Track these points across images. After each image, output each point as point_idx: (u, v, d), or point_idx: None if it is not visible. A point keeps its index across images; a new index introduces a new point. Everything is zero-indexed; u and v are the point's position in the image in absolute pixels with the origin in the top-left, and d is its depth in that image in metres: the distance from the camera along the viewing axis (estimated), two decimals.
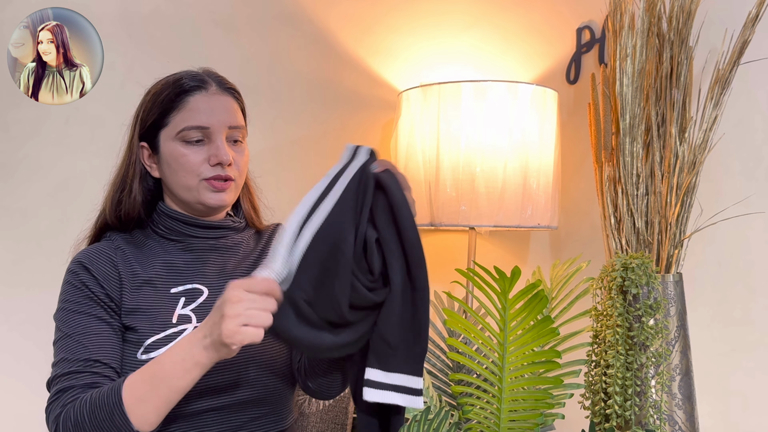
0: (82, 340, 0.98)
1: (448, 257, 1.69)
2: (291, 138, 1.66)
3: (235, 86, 1.10)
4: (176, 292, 1.03)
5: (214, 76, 1.09)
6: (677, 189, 1.34)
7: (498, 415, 0.96)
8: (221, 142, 1.03)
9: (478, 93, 1.38)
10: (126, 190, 1.08)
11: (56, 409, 0.93)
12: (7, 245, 1.56)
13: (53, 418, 0.93)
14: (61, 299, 1.03)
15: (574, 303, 1.22)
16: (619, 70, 1.38)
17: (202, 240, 1.08)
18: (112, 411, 0.88)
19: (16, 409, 1.55)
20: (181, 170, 1.04)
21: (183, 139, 1.03)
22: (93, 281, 1.01)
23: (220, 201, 1.05)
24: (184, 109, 1.04)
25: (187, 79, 1.05)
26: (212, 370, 0.96)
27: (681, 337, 1.31)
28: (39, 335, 1.56)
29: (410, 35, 1.69)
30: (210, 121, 1.03)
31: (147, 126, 1.07)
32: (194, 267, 1.06)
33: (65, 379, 0.95)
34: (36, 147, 1.57)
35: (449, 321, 0.97)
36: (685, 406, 1.29)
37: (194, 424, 0.98)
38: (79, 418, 0.90)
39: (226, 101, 1.06)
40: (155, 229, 1.09)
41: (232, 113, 1.06)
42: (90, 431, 0.89)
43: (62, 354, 0.98)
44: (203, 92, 1.04)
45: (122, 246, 1.06)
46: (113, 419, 0.88)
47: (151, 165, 1.09)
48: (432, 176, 1.40)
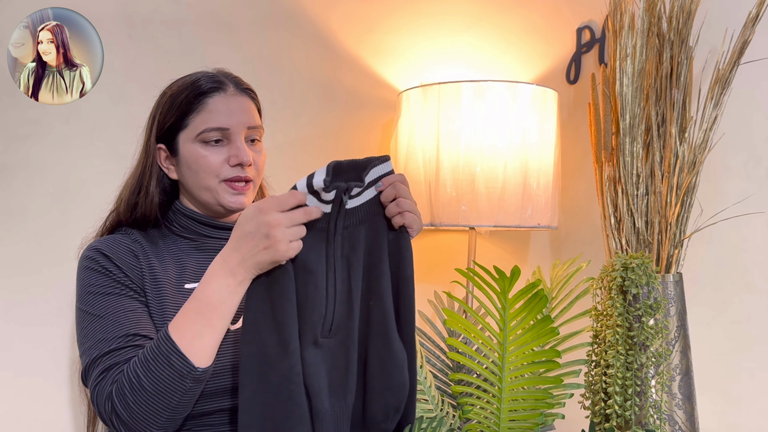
0: (116, 318, 0.95)
1: (448, 257, 1.69)
2: (291, 138, 1.66)
3: (251, 86, 1.11)
4: (190, 288, 1.03)
5: (230, 76, 1.09)
6: (677, 189, 1.34)
7: (498, 415, 0.96)
8: (241, 143, 1.04)
9: (478, 93, 1.37)
10: (143, 192, 1.08)
11: (107, 387, 0.90)
12: (7, 245, 1.56)
13: (105, 397, 0.89)
14: (82, 285, 1.01)
15: (574, 303, 1.22)
16: (619, 70, 1.38)
17: (214, 240, 1.09)
18: (169, 356, 0.87)
19: (16, 409, 1.55)
20: (201, 171, 1.04)
21: (203, 141, 1.04)
22: (115, 268, 1.00)
23: (239, 204, 1.06)
24: (203, 111, 1.04)
25: (204, 81, 1.05)
26: (221, 372, 0.96)
27: (681, 337, 1.31)
28: (39, 335, 1.56)
29: (410, 35, 1.68)
30: (230, 122, 1.03)
31: (165, 128, 1.07)
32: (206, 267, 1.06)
33: (108, 358, 0.92)
34: (36, 147, 1.57)
35: (449, 321, 0.97)
36: (685, 406, 1.29)
37: (204, 424, 0.98)
38: (134, 380, 0.87)
39: (243, 101, 1.07)
40: (170, 227, 1.09)
41: (250, 113, 1.07)
42: (149, 389, 0.87)
43: (97, 335, 0.94)
44: (222, 93, 1.05)
45: (140, 239, 1.06)
46: (171, 363, 0.87)
47: (168, 167, 1.09)
48: (432, 176, 1.40)
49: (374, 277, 0.94)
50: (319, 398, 0.90)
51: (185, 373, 0.87)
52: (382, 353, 0.93)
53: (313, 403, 0.89)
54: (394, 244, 0.95)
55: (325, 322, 0.91)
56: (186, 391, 0.88)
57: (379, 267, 0.94)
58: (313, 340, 0.90)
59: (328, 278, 0.92)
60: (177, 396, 0.88)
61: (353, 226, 0.93)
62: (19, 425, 1.55)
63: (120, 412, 0.87)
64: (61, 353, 1.56)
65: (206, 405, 0.97)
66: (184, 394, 0.88)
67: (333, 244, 0.92)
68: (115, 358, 0.92)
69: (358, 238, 0.93)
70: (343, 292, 0.93)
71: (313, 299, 0.90)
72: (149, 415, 0.87)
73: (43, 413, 1.55)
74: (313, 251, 0.91)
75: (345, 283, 0.93)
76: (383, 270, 0.93)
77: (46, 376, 1.55)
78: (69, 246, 1.56)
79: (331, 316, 0.92)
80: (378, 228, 0.94)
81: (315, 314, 0.90)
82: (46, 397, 1.55)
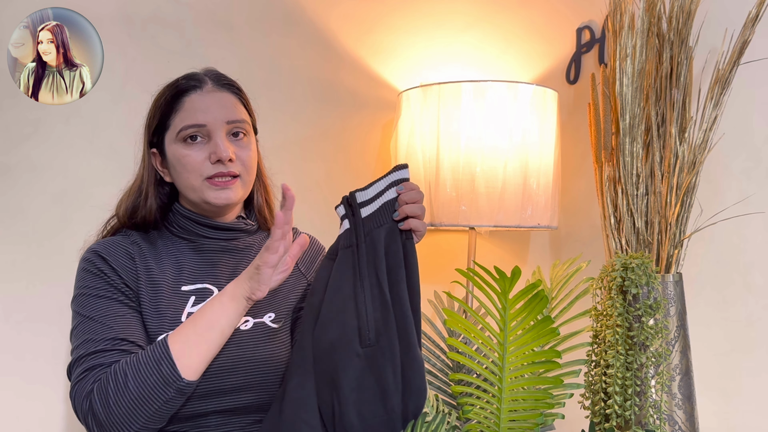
0: (106, 321, 0.96)
1: (448, 257, 1.69)
2: (291, 138, 1.66)
3: (233, 81, 1.10)
4: (187, 291, 1.03)
5: (211, 73, 1.08)
6: (677, 189, 1.34)
7: (498, 415, 0.96)
8: (220, 139, 1.03)
9: (478, 93, 1.37)
10: (143, 196, 1.09)
11: (87, 386, 0.91)
12: (7, 245, 1.56)
13: (84, 395, 0.90)
14: (78, 286, 1.02)
15: (574, 303, 1.22)
16: (619, 70, 1.38)
17: (213, 241, 1.08)
18: (160, 361, 0.89)
19: (16, 409, 1.55)
20: (184, 171, 1.04)
21: (183, 140, 1.03)
22: (111, 270, 1.01)
23: (225, 199, 1.04)
24: (181, 110, 1.04)
25: (182, 80, 1.06)
26: (218, 373, 0.97)
27: (681, 337, 1.31)
28: (39, 335, 1.56)
29: (410, 35, 1.68)
30: (206, 118, 1.03)
31: (152, 132, 1.07)
32: (204, 268, 1.07)
33: (92, 358, 0.93)
34: (36, 147, 1.57)
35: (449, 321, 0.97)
36: (685, 406, 1.29)
37: (197, 425, 0.98)
38: (120, 379, 0.88)
39: (222, 97, 1.05)
40: (170, 228, 1.09)
41: (229, 108, 1.05)
42: (133, 390, 0.88)
43: (86, 336, 0.95)
44: (198, 91, 1.04)
45: (138, 241, 1.06)
46: (161, 369, 0.88)
47: (163, 170, 1.09)
48: (432, 176, 1.40)
49: (393, 282, 0.95)
50: (370, 410, 0.91)
51: (171, 381, 0.88)
52: (403, 360, 0.94)
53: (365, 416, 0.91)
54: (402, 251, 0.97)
55: (362, 332, 0.92)
56: (167, 400, 0.89)
57: (397, 272, 0.95)
58: (355, 354, 0.92)
59: (356, 289, 0.93)
60: (157, 403, 0.88)
61: (373, 230, 0.96)
62: (19, 425, 1.55)
63: (97, 410, 0.88)
64: (61, 354, 1.56)
65: (202, 406, 0.97)
66: (164, 402, 0.89)
67: (358, 254, 0.94)
68: (99, 359, 0.93)
69: (377, 240, 0.95)
70: (376, 297, 0.94)
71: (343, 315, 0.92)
72: (126, 418, 0.88)
73: (44, 414, 1.55)
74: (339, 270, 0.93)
75: (375, 288, 0.94)
76: (401, 275, 0.95)
77: (46, 377, 1.55)
78: (69, 246, 1.56)
79: (366, 324, 0.92)
80: (394, 232, 0.97)
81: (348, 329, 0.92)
82: (46, 398, 1.55)
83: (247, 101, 1.11)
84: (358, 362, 0.92)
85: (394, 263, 0.95)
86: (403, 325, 0.94)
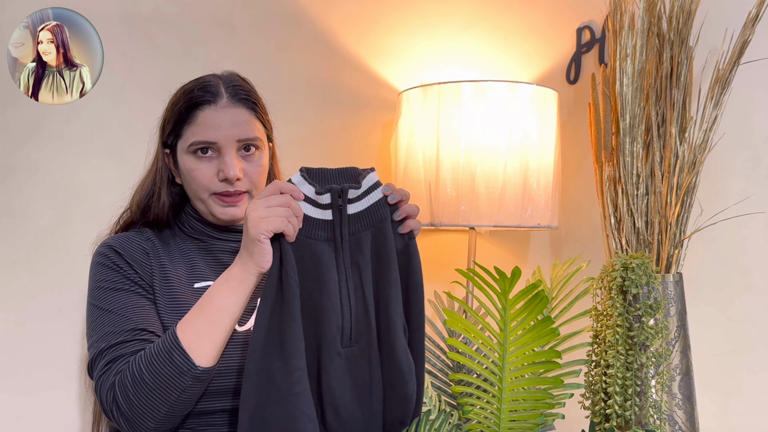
0: (124, 313, 0.97)
1: (448, 257, 1.69)
2: (291, 138, 1.66)
3: (250, 93, 1.08)
4: (200, 287, 1.04)
5: (229, 85, 1.06)
6: (677, 189, 1.34)
7: (498, 415, 0.96)
8: (230, 158, 1.03)
9: (478, 93, 1.37)
10: (155, 196, 1.09)
11: (110, 378, 0.91)
12: (7, 245, 1.56)
13: (108, 387, 0.90)
14: (94, 280, 1.02)
15: (574, 303, 1.22)
16: (619, 70, 1.38)
17: (223, 243, 1.09)
18: (171, 351, 0.88)
19: (16, 409, 1.55)
20: (193, 183, 1.05)
21: (194, 152, 1.04)
22: (126, 264, 1.02)
23: (231, 215, 1.06)
24: (193, 124, 1.04)
25: (198, 91, 1.04)
26: (224, 372, 0.97)
27: (681, 337, 1.31)
28: (39, 335, 1.56)
29: (410, 35, 1.68)
30: (217, 136, 1.02)
31: (166, 134, 1.08)
32: (215, 267, 1.08)
33: (114, 350, 0.93)
34: (36, 147, 1.57)
35: (449, 321, 0.97)
36: (685, 406, 1.29)
37: (206, 423, 0.99)
38: (136, 373, 0.88)
39: (236, 114, 1.04)
40: (182, 227, 1.10)
41: (242, 126, 1.04)
42: (149, 382, 0.88)
43: (105, 328, 0.96)
44: (212, 106, 1.03)
45: (152, 238, 1.07)
46: (173, 359, 0.88)
47: (175, 170, 1.10)
48: (432, 176, 1.40)
49: (382, 286, 0.94)
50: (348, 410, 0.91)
51: (185, 370, 0.88)
52: (385, 364, 0.94)
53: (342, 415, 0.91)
54: (403, 252, 0.96)
55: (344, 332, 0.92)
56: (185, 388, 0.89)
57: (388, 276, 0.94)
58: (336, 353, 0.91)
59: (341, 288, 0.93)
60: (176, 393, 0.88)
61: (359, 232, 0.94)
62: (18, 425, 1.55)
63: (120, 403, 0.88)
64: (61, 353, 1.56)
65: (208, 404, 0.97)
66: (182, 391, 0.89)
67: (342, 252, 0.93)
68: (121, 350, 0.93)
69: (364, 243, 0.94)
70: (359, 299, 0.93)
71: (329, 312, 0.91)
72: (148, 409, 0.88)
73: (44, 414, 1.55)
74: (323, 263, 0.92)
75: (359, 289, 0.93)
76: (391, 279, 0.94)
77: (46, 377, 1.55)
78: (69, 246, 1.56)
79: (348, 324, 0.92)
80: (385, 234, 0.95)
81: (333, 327, 0.91)
82: (46, 398, 1.55)
83: (264, 113, 1.11)
84: (338, 361, 0.92)
85: (383, 267, 0.94)
86: (387, 330, 0.94)
